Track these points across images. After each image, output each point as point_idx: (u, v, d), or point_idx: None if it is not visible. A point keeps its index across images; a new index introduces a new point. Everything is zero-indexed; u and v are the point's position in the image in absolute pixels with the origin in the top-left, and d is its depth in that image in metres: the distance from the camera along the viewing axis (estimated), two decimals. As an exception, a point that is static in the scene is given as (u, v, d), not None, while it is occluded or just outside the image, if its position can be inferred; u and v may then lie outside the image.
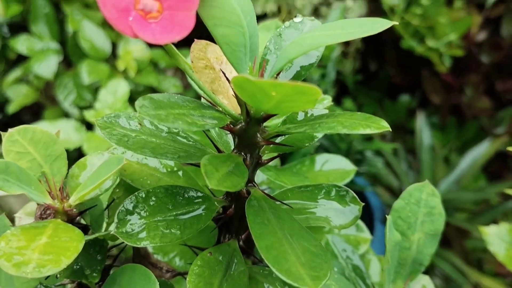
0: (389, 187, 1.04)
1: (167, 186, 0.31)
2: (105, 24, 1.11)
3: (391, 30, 1.11)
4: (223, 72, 0.30)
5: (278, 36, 0.32)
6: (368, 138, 0.87)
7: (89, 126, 0.81)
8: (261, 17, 1.02)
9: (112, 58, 1.06)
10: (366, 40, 1.17)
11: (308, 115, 0.33)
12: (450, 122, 1.15)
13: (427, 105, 1.23)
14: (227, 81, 0.32)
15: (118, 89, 0.81)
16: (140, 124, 0.32)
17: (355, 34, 0.26)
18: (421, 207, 0.39)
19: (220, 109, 0.30)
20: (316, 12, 1.04)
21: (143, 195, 0.30)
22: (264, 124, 0.31)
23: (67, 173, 0.32)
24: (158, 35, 0.22)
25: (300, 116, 0.33)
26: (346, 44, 1.08)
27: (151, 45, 1.10)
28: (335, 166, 0.47)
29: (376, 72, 1.27)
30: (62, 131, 0.74)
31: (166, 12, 0.23)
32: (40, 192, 0.29)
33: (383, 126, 0.26)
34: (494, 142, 1.03)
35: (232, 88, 0.29)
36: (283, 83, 0.22)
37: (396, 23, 0.27)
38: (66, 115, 1.05)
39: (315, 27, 0.32)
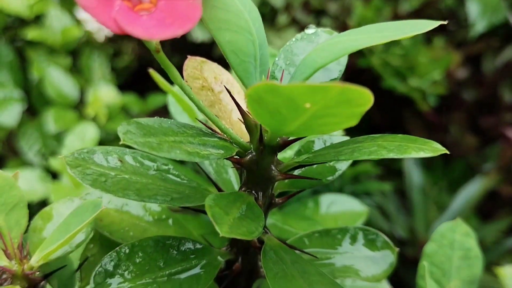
0: (379, 230, 0.98)
1: (157, 238, 0.24)
2: (73, 70, 1.06)
3: (369, 70, 1.09)
4: (228, 91, 0.24)
5: (288, 50, 0.27)
6: (356, 178, 0.82)
7: (55, 176, 0.73)
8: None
9: (80, 104, 0.99)
10: (345, 80, 1.14)
11: (327, 143, 0.27)
12: (436, 161, 1.11)
13: (410, 145, 1.19)
14: (229, 105, 0.26)
15: (87, 133, 0.74)
16: (120, 161, 0.25)
17: (394, 36, 0.21)
18: (456, 250, 0.33)
19: (225, 136, 0.24)
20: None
21: (127, 251, 0.23)
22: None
23: (28, 225, 0.25)
24: (154, 29, 0.16)
25: (318, 145, 0.27)
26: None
27: (122, 90, 1.04)
28: (343, 208, 0.41)
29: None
30: (25, 181, 0.66)
31: (162, 2, 0.17)
32: (-9, 252, 0.22)
33: (437, 148, 0.21)
34: (484, 181, 0.99)
35: (241, 109, 0.23)
36: (328, 86, 0.16)
37: (445, 22, 0.22)
38: (29, 166, 0.96)
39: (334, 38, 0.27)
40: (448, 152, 0.21)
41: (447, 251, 0.33)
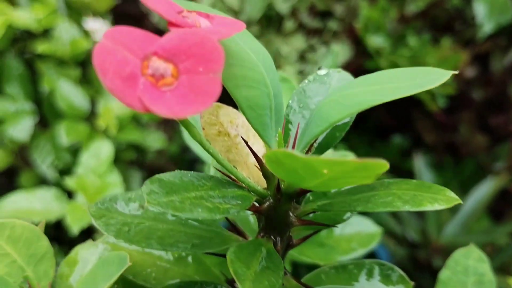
0: (391, 233, 0.98)
1: (180, 284, 0.25)
2: (82, 81, 1.07)
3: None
4: (244, 140, 0.25)
5: (301, 92, 0.27)
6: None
7: (70, 194, 0.74)
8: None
9: (92, 116, 1.01)
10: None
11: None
12: (446, 161, 1.11)
13: (420, 145, 1.20)
14: (245, 148, 0.27)
15: (102, 151, 0.75)
16: (142, 207, 0.26)
17: (409, 89, 0.21)
18: (470, 276, 0.33)
19: (242, 184, 0.24)
20: (302, 59, 1.01)
21: (152, 299, 0.24)
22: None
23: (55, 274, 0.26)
24: (177, 107, 0.17)
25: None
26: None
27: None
28: (357, 229, 0.42)
29: (365, 115, 1.24)
30: (41, 201, 0.68)
31: (184, 76, 0.18)
32: (21, 304, 0.23)
33: (452, 198, 0.21)
34: (495, 180, 0.99)
35: (258, 158, 0.24)
36: (345, 161, 0.16)
37: (455, 72, 0.23)
38: (43, 179, 0.97)
39: (345, 79, 0.27)
40: (461, 202, 0.21)
41: (462, 277, 0.33)
